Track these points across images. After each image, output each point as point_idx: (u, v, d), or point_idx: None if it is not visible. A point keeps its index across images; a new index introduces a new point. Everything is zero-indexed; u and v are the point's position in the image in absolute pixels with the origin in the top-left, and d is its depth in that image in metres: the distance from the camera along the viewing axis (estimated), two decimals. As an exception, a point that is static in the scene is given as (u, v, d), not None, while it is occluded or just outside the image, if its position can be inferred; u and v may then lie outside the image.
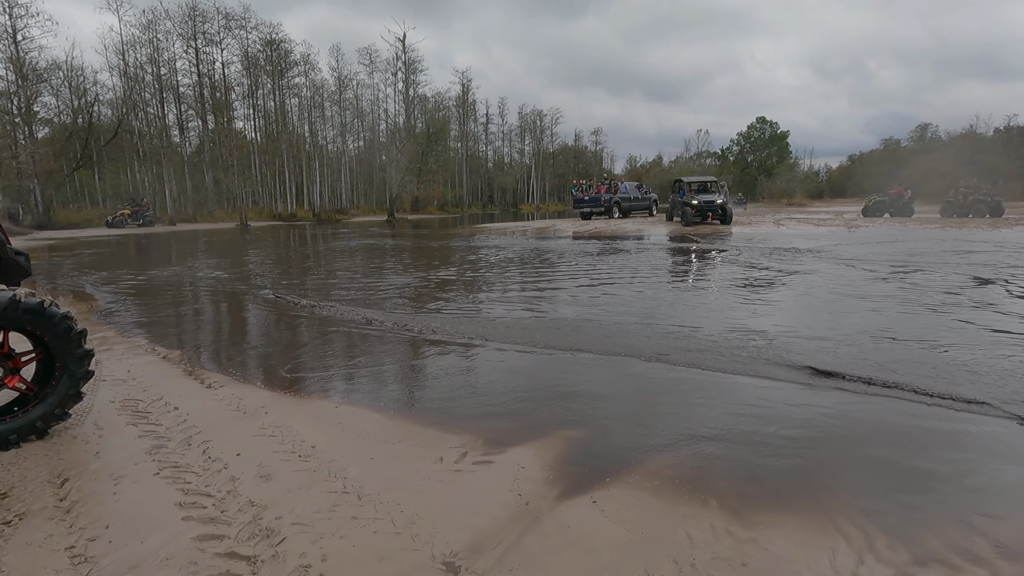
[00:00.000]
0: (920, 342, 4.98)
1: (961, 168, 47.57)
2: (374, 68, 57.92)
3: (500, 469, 2.82)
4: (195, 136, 47.51)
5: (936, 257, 11.24)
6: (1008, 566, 2.01)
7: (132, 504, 2.50)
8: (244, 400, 3.88)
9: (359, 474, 2.77)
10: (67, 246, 21.11)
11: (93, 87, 42.78)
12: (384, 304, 7.69)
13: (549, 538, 2.23)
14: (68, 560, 2.10)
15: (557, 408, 3.71)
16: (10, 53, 32.50)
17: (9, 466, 2.85)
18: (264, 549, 2.15)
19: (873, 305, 6.70)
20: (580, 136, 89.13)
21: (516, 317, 6.62)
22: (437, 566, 2.05)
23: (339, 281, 10.29)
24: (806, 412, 3.53)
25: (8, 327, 3.04)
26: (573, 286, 8.90)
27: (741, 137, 78.63)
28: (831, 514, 2.37)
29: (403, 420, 3.59)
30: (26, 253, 3.61)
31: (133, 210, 34.18)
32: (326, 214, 48.33)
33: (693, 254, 13.46)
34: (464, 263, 12.94)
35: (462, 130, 71.55)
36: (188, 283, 10.37)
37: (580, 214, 29.57)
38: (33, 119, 35.38)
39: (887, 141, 73.80)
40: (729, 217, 22.39)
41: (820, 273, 9.46)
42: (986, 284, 7.98)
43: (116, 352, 5.27)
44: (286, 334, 6.19)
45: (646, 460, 2.92)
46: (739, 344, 5.05)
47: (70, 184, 41.95)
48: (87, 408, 3.66)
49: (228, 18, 44.69)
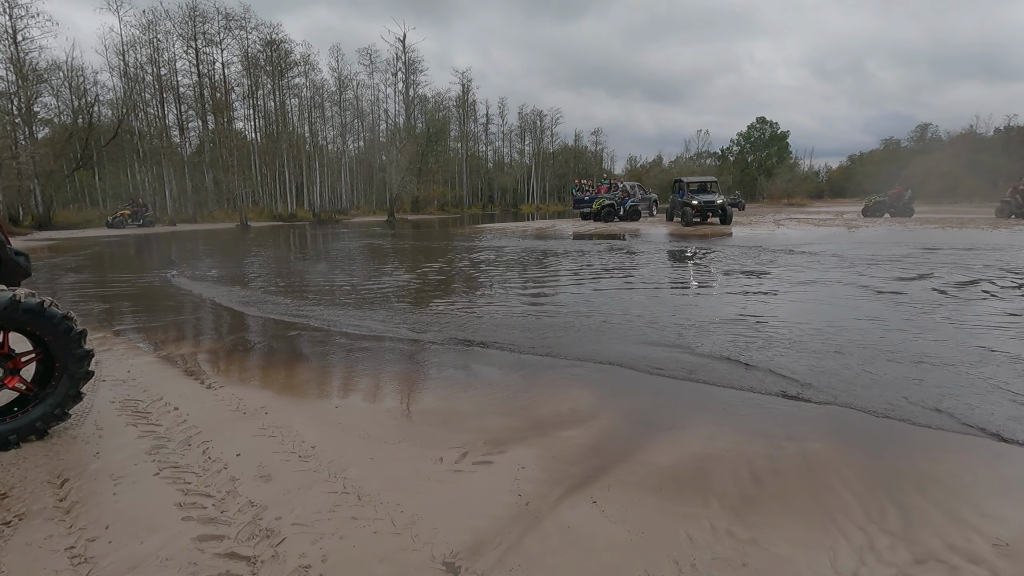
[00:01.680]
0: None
1: (962, 168, 47.57)
2: (374, 68, 57.88)
3: (500, 469, 2.82)
4: (195, 136, 47.49)
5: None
6: (1008, 566, 2.02)
7: (132, 504, 2.50)
8: (244, 400, 3.88)
9: (359, 474, 2.76)
10: (67, 247, 21.10)
11: (93, 87, 42.79)
12: (384, 305, 7.69)
13: (549, 538, 2.23)
14: (68, 560, 2.10)
15: (557, 408, 3.70)
16: (10, 53, 32.45)
17: (9, 466, 2.85)
18: (264, 549, 2.15)
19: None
20: (580, 136, 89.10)
21: (516, 317, 6.62)
22: (437, 566, 2.05)
23: (340, 280, 10.29)
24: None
25: (8, 327, 3.04)
26: (572, 287, 8.90)
27: (741, 137, 78.62)
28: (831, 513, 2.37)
29: (403, 420, 3.59)
30: (26, 253, 3.61)
31: (133, 211, 34.16)
32: (326, 214, 48.30)
33: (690, 259, 13.44)
34: (465, 263, 12.93)
35: (462, 130, 71.51)
36: (180, 293, 10.35)
37: (580, 214, 29.54)
38: (33, 119, 35.34)
39: (887, 141, 73.89)
40: (729, 217, 22.38)
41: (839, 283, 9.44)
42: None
43: (116, 352, 5.27)
44: (283, 344, 6.18)
45: (646, 459, 2.92)
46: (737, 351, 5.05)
47: (70, 184, 41.92)
48: (87, 408, 3.65)
49: (228, 18, 44.65)
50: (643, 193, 32.48)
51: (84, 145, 38.87)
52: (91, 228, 32.58)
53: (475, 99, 72.33)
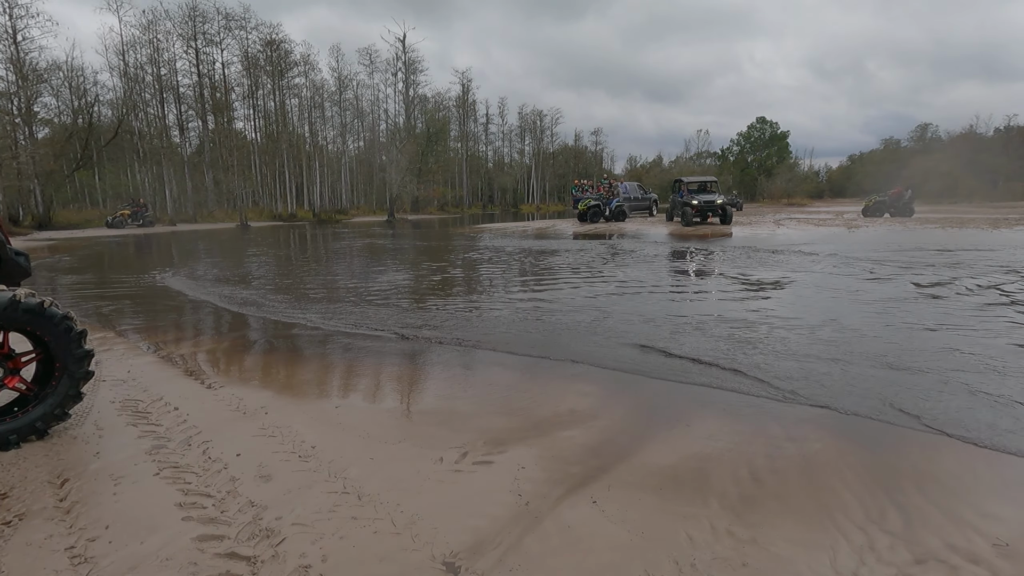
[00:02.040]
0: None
1: (962, 168, 47.57)
2: (374, 68, 57.89)
3: (500, 469, 2.82)
4: (195, 136, 47.53)
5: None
6: (1008, 566, 2.02)
7: (132, 504, 2.50)
8: (244, 400, 3.88)
9: (359, 474, 2.76)
10: (67, 247, 21.10)
11: (93, 87, 42.84)
12: (384, 305, 7.69)
13: (549, 538, 2.23)
14: (68, 560, 2.10)
15: (557, 408, 3.70)
16: (10, 53, 32.46)
17: (9, 466, 2.85)
18: (264, 549, 2.15)
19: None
20: (580, 136, 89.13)
21: (516, 318, 6.62)
22: (437, 566, 2.05)
23: (340, 280, 10.29)
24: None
25: (8, 327, 3.04)
26: (572, 286, 8.90)
27: (741, 137, 78.58)
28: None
29: (403, 420, 3.59)
30: (26, 253, 3.61)
31: (133, 211, 34.19)
32: (326, 214, 48.32)
33: (690, 259, 13.44)
34: (465, 263, 12.93)
35: (462, 130, 71.51)
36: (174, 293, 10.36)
37: (578, 215, 29.17)
38: (33, 119, 35.35)
39: (887, 141, 73.89)
40: (729, 217, 22.38)
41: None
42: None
43: (116, 352, 5.27)
44: (284, 343, 6.18)
45: (646, 459, 2.92)
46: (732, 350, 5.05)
47: (70, 184, 41.93)
48: (87, 408, 3.66)
49: (228, 18, 44.67)
50: (643, 193, 32.46)
51: (84, 145, 38.89)
52: (91, 228, 32.59)
53: (475, 99, 72.45)
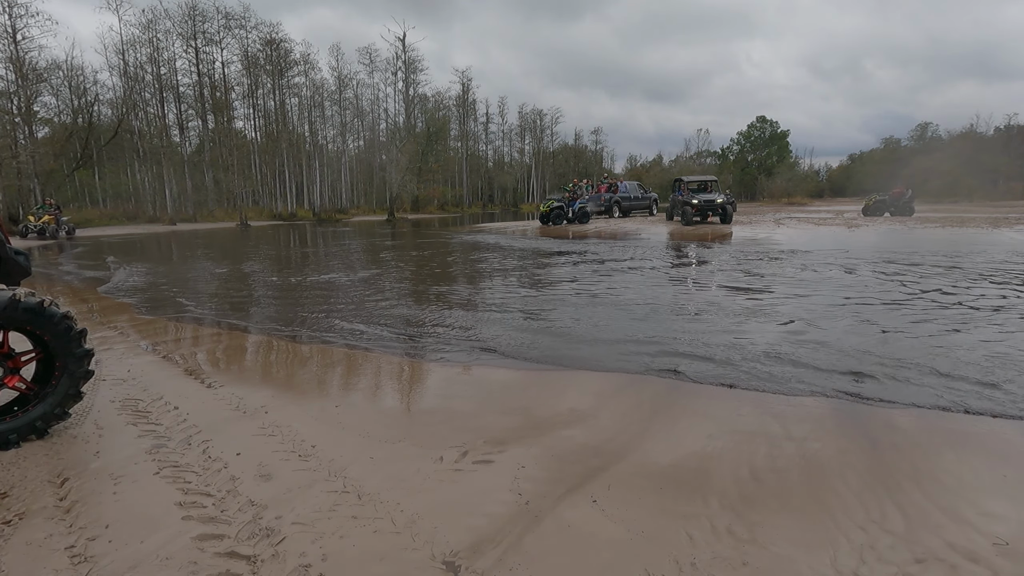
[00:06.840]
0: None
1: (962, 168, 47.49)
2: (374, 68, 57.79)
3: (500, 468, 2.82)
4: (195, 136, 47.51)
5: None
6: (1008, 565, 2.02)
7: (132, 504, 2.50)
8: (244, 400, 3.88)
9: (359, 474, 2.76)
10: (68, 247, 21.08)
11: (93, 87, 42.79)
12: (384, 305, 7.68)
13: (549, 537, 2.23)
14: (68, 560, 2.10)
15: (557, 408, 3.70)
16: (10, 53, 32.43)
17: (9, 466, 2.84)
18: (264, 549, 2.15)
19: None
20: (580, 135, 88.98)
21: (516, 317, 6.62)
22: (437, 566, 2.05)
23: (340, 280, 10.29)
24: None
25: (8, 327, 3.03)
26: (572, 287, 8.90)
27: (741, 136, 78.43)
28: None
29: (403, 419, 3.59)
30: (26, 253, 3.61)
31: (53, 213, 26.18)
32: (326, 214, 48.31)
33: (690, 259, 13.44)
34: (466, 263, 12.92)
35: (462, 129, 71.43)
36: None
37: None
38: (33, 119, 35.32)
39: (887, 140, 73.68)
40: (729, 216, 22.36)
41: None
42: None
43: (116, 351, 5.27)
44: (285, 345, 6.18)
45: (646, 459, 2.91)
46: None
47: (70, 184, 41.92)
48: (87, 408, 3.65)
49: (228, 18, 44.61)
50: (643, 192, 32.41)
51: (84, 144, 38.89)
52: (91, 227, 32.58)
53: (475, 98, 72.30)
